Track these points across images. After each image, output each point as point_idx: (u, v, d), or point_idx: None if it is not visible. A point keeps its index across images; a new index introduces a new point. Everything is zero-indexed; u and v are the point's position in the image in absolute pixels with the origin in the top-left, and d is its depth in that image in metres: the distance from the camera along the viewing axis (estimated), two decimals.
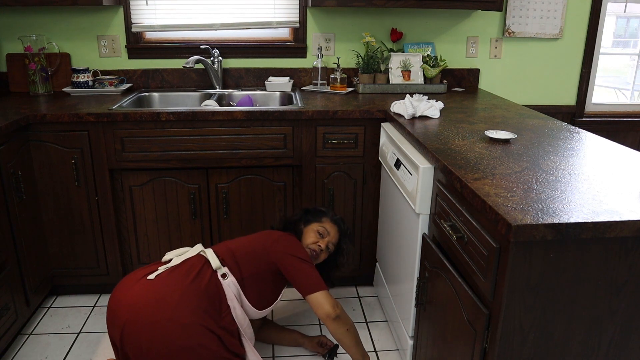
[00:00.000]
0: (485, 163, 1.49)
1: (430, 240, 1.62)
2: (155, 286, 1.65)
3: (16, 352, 2.10)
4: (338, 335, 1.82)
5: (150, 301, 1.61)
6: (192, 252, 1.82)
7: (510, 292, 1.15)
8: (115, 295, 1.68)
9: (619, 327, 1.21)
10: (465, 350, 1.35)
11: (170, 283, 1.66)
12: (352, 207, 2.41)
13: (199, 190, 2.34)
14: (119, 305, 1.63)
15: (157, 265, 1.77)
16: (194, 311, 1.61)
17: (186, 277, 1.69)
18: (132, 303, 1.61)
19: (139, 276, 1.70)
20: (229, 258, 1.81)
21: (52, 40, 2.68)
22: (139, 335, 1.57)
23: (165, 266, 1.74)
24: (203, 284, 1.69)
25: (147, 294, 1.63)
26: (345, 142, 2.30)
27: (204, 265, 1.75)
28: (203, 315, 1.62)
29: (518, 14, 2.89)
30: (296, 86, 2.83)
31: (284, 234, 1.95)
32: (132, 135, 2.21)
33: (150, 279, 1.67)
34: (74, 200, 2.27)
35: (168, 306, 1.60)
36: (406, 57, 2.70)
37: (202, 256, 1.80)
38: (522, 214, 1.12)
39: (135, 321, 1.58)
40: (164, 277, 1.69)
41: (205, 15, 2.74)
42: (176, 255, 1.81)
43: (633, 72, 3.37)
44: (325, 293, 1.80)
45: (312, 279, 1.81)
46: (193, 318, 1.60)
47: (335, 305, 1.79)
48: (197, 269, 1.73)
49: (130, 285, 1.68)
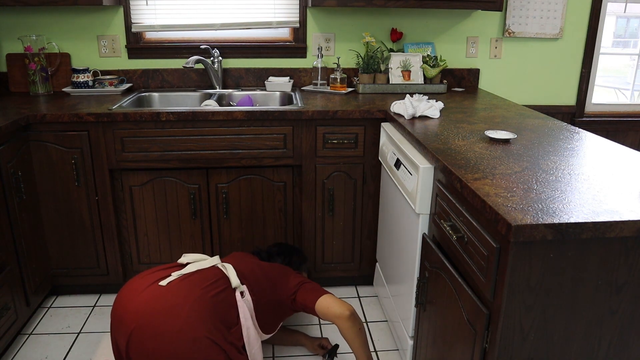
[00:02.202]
0: (485, 163, 1.49)
1: (430, 240, 1.62)
2: (166, 294, 1.61)
3: (16, 352, 2.10)
4: (351, 334, 1.83)
5: (160, 310, 1.57)
6: (209, 263, 1.79)
7: (510, 292, 1.15)
8: (122, 299, 1.63)
9: (619, 327, 1.21)
10: (465, 350, 1.35)
11: (182, 293, 1.62)
12: (352, 207, 2.41)
13: (199, 190, 2.34)
14: (126, 311, 1.59)
15: (170, 269, 1.74)
16: (203, 324, 1.57)
17: (199, 288, 1.65)
18: (141, 310, 1.57)
19: (149, 281, 1.66)
20: (250, 277, 1.81)
21: (52, 40, 2.68)
22: (146, 344, 1.54)
23: (179, 273, 1.70)
24: (215, 297, 1.66)
25: (158, 302, 1.59)
26: (345, 142, 2.30)
27: (219, 279, 1.72)
28: (212, 329, 1.58)
29: (518, 14, 2.89)
30: (296, 86, 2.83)
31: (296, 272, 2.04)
32: (132, 135, 2.21)
33: (161, 285, 1.64)
34: (74, 200, 2.27)
35: (178, 317, 1.56)
36: (406, 57, 2.70)
37: (219, 269, 1.77)
38: (522, 214, 1.12)
39: (143, 329, 1.54)
40: (176, 285, 1.65)
41: (205, 15, 2.74)
42: (193, 261, 1.79)
43: (633, 72, 3.37)
44: (330, 296, 1.86)
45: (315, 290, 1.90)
46: (202, 332, 1.56)
47: (343, 304, 1.83)
48: (211, 280, 1.70)
49: (139, 290, 1.63)
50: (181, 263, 1.79)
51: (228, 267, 1.78)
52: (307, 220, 2.41)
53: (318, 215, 2.41)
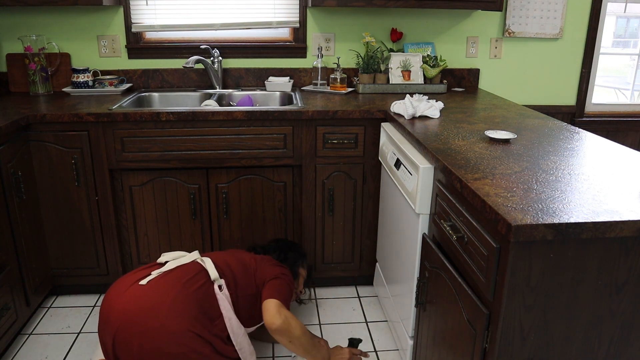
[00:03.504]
0: (485, 163, 1.49)
1: (430, 240, 1.62)
2: (147, 292, 1.64)
3: (16, 352, 2.10)
4: (285, 344, 1.79)
5: (141, 308, 1.60)
6: (188, 258, 1.82)
7: (510, 292, 1.15)
8: (107, 299, 1.67)
9: (619, 327, 1.21)
10: (465, 350, 1.35)
11: (161, 289, 1.65)
12: (352, 207, 2.41)
13: (199, 190, 2.34)
14: (110, 311, 1.62)
15: (150, 268, 1.76)
16: (184, 318, 1.60)
17: (179, 283, 1.68)
18: (123, 309, 1.60)
19: (131, 281, 1.69)
20: (227, 272, 1.81)
21: (52, 40, 2.68)
22: (130, 343, 1.57)
23: (158, 271, 1.73)
24: (196, 291, 1.68)
25: (138, 301, 1.62)
26: (345, 142, 2.30)
27: (198, 273, 1.75)
28: (194, 322, 1.61)
29: (518, 14, 2.89)
30: (296, 86, 2.83)
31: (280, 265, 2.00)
32: (132, 135, 2.21)
33: (142, 285, 1.66)
34: (74, 200, 2.27)
35: (159, 313, 1.59)
36: (406, 57, 2.70)
37: (198, 264, 1.79)
38: (522, 214, 1.12)
39: (126, 328, 1.57)
40: (156, 282, 1.68)
41: (205, 15, 2.74)
42: (172, 259, 1.81)
43: (633, 72, 3.37)
44: (274, 303, 1.78)
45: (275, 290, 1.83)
46: (185, 325, 1.59)
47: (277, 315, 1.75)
48: (191, 275, 1.72)
49: (122, 290, 1.66)
50: (160, 262, 1.81)
51: (206, 261, 1.80)
52: (307, 220, 2.41)
53: (318, 215, 2.41)
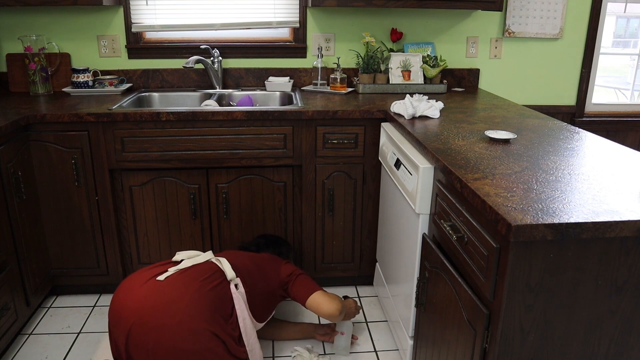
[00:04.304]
0: (485, 163, 1.49)
1: (430, 240, 1.62)
2: (164, 289, 1.64)
3: (16, 352, 2.10)
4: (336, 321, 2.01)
5: (158, 304, 1.59)
6: (203, 258, 1.83)
7: (510, 292, 1.15)
8: (119, 296, 1.66)
9: (619, 327, 1.21)
10: (465, 350, 1.35)
11: (180, 286, 1.65)
12: (352, 207, 2.41)
13: (199, 190, 2.34)
14: (124, 307, 1.61)
15: (166, 265, 1.77)
16: (202, 316, 1.61)
17: (196, 281, 1.69)
18: (139, 306, 1.59)
19: (146, 277, 1.69)
20: (243, 270, 1.84)
21: (52, 40, 2.68)
22: (146, 339, 1.56)
23: (175, 268, 1.74)
24: (212, 290, 1.69)
25: (157, 296, 1.61)
26: (345, 142, 2.30)
27: (214, 273, 1.76)
28: (211, 320, 1.62)
29: (518, 14, 2.89)
30: (296, 86, 2.83)
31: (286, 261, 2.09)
32: (132, 135, 2.21)
33: (159, 280, 1.66)
34: (74, 200, 2.27)
35: (177, 310, 1.58)
36: (406, 57, 2.70)
37: (214, 263, 1.81)
38: (522, 214, 1.12)
39: (142, 324, 1.56)
40: (173, 279, 1.68)
41: (205, 15, 2.74)
42: (187, 257, 1.82)
43: (633, 72, 3.37)
44: (321, 293, 1.94)
45: (308, 284, 1.97)
46: (201, 323, 1.59)
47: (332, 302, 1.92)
48: (207, 274, 1.74)
49: (137, 286, 1.66)
50: (176, 260, 1.82)
51: (223, 261, 1.83)
52: (307, 220, 2.41)
53: (318, 215, 2.41)
